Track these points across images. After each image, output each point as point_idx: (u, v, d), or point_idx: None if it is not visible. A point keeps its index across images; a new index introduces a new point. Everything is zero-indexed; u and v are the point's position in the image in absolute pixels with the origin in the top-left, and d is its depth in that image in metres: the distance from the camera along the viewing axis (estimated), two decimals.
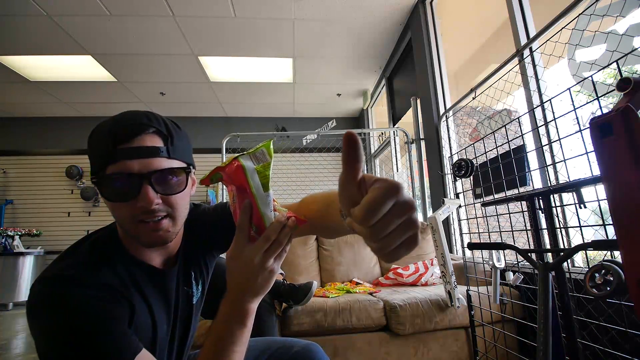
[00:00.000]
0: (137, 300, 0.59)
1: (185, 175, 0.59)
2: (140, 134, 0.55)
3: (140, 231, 0.56)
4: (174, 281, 0.67)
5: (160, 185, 0.55)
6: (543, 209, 1.11)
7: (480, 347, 1.56)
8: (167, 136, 0.58)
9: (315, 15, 3.08)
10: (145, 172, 0.54)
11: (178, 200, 0.58)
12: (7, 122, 5.10)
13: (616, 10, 1.28)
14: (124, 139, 0.54)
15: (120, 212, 0.56)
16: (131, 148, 0.54)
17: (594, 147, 0.67)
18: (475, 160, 1.56)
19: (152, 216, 0.55)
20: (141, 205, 0.54)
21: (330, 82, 4.45)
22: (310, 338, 1.56)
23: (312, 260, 2.33)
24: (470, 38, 3.36)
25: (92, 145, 0.56)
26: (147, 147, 0.55)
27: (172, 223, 0.58)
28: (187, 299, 0.70)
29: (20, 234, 4.35)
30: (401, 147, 3.80)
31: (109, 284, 0.55)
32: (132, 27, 3.15)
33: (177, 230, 0.60)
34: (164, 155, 0.56)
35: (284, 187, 5.16)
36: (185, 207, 0.61)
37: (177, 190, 0.58)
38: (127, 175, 0.53)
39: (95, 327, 0.50)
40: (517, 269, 1.57)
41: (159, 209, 0.56)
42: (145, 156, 0.54)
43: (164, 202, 0.56)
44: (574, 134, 1.03)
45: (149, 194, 0.53)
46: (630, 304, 0.96)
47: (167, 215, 0.57)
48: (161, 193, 0.56)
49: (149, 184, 0.54)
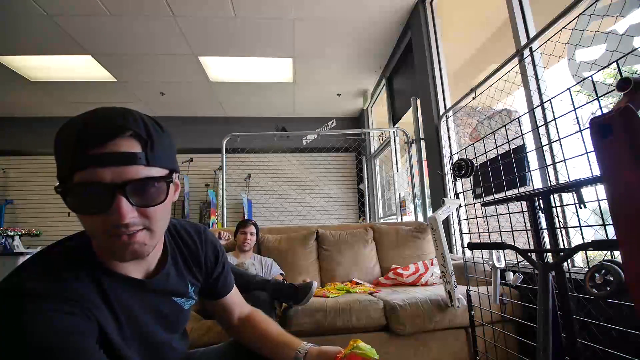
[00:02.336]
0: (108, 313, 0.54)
1: (166, 184, 0.52)
2: (114, 138, 0.47)
3: (113, 245, 0.50)
4: (158, 288, 0.64)
5: (136, 197, 0.49)
6: (543, 209, 1.11)
7: (480, 347, 1.56)
8: (146, 140, 0.50)
9: (315, 15, 3.08)
10: (119, 182, 0.47)
11: (157, 212, 0.52)
12: (7, 122, 5.10)
13: (616, 10, 1.28)
14: (95, 142, 0.46)
15: (90, 224, 0.49)
16: (103, 154, 0.46)
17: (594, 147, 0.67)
18: (475, 160, 1.56)
19: (126, 230, 0.49)
20: (114, 219, 0.47)
21: (330, 82, 4.45)
22: (311, 338, 1.56)
23: (312, 260, 2.33)
24: (470, 38, 3.36)
25: (58, 147, 0.49)
26: (122, 152, 0.47)
27: (150, 236, 0.52)
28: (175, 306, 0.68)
29: (20, 234, 4.34)
30: (401, 147, 3.80)
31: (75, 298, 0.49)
32: (132, 27, 3.15)
33: (155, 243, 0.55)
34: (142, 162, 0.49)
35: (284, 187, 5.16)
36: (165, 218, 0.55)
37: (157, 201, 0.51)
38: (97, 184, 0.46)
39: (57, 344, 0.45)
40: (517, 269, 1.57)
41: (134, 222, 0.49)
42: (119, 164, 0.47)
43: (141, 214, 0.50)
44: (574, 134, 1.03)
45: (122, 207, 0.47)
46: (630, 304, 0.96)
47: (144, 228, 0.51)
48: (137, 205, 0.49)
49: (123, 195, 0.47)
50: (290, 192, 5.20)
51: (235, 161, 5.04)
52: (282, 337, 0.77)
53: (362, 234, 2.45)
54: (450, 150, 2.52)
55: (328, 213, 5.22)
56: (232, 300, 0.82)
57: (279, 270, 2.16)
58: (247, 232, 2.15)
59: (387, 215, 4.28)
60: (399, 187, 3.61)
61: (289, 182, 5.21)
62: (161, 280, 0.64)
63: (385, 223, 2.66)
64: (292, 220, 5.02)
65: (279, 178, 5.18)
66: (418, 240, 2.43)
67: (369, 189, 4.89)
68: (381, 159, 4.63)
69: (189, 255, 0.72)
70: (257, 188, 5.20)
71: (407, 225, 2.57)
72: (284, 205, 5.11)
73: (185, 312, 0.72)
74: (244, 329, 0.82)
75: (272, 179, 5.14)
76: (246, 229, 2.16)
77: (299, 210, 5.13)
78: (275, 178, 5.16)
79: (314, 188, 5.30)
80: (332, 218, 5.20)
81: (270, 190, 5.13)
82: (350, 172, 5.48)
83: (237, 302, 0.84)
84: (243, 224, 2.20)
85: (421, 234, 2.46)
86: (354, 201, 5.43)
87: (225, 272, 0.80)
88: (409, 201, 3.33)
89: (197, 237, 0.74)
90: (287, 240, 2.37)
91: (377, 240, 2.48)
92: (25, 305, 0.45)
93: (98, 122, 0.49)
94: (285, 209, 5.09)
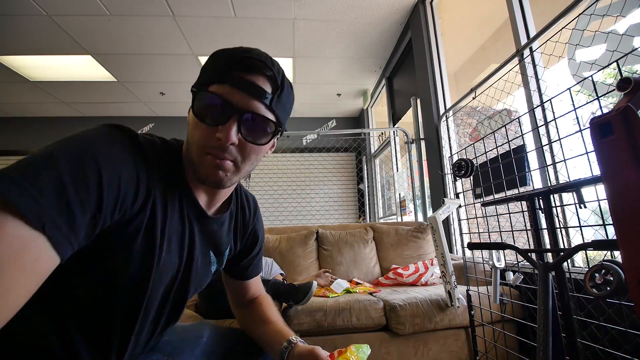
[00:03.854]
0: (159, 206, 0.52)
1: (273, 131, 0.56)
2: (257, 72, 0.53)
3: (203, 161, 0.53)
4: (208, 226, 0.63)
5: (245, 128, 0.53)
6: (543, 209, 1.11)
7: (480, 347, 1.56)
8: (278, 87, 0.56)
9: (315, 15, 3.08)
10: (240, 107, 0.52)
11: (253, 152, 0.56)
12: (7, 122, 5.10)
13: (616, 10, 1.28)
14: (240, 67, 0.52)
15: (197, 132, 0.53)
16: (242, 78, 0.52)
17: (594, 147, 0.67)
18: (475, 160, 1.55)
19: (220, 153, 0.52)
20: (218, 137, 0.51)
21: (330, 82, 4.45)
22: (311, 338, 1.56)
23: (312, 260, 2.33)
24: (470, 38, 3.36)
25: (210, 61, 0.56)
26: (257, 85, 0.53)
27: (235, 170, 0.55)
28: (207, 259, 0.66)
29: None
30: (401, 147, 3.80)
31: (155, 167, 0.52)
32: (132, 27, 3.15)
33: (235, 180, 0.57)
34: (267, 103, 0.54)
35: (284, 187, 5.16)
36: (253, 162, 0.58)
37: (259, 141, 0.55)
38: (224, 100, 0.51)
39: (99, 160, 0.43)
40: (517, 269, 1.57)
41: (231, 150, 0.53)
42: (249, 93, 0.52)
43: (240, 146, 0.54)
44: (574, 134, 1.03)
45: (232, 129, 0.51)
46: (630, 304, 0.96)
47: (234, 160, 0.54)
48: (242, 136, 0.53)
49: (238, 120, 0.52)
50: (290, 192, 5.20)
51: None
52: (276, 326, 0.77)
53: (362, 234, 2.45)
54: (450, 150, 2.52)
55: (328, 213, 5.22)
56: (254, 283, 0.84)
57: (279, 270, 2.16)
58: None
59: (387, 215, 4.28)
60: (399, 187, 3.61)
61: (289, 182, 5.21)
62: (216, 222, 0.64)
63: (385, 223, 2.66)
64: (292, 220, 5.02)
65: (279, 178, 5.18)
66: (418, 240, 2.43)
67: (369, 189, 4.88)
68: (381, 159, 4.63)
69: (242, 219, 0.73)
70: (257, 188, 5.20)
71: (407, 225, 2.57)
72: (284, 205, 5.11)
73: (208, 274, 0.68)
74: (248, 310, 0.82)
75: (272, 179, 5.14)
76: None
77: (299, 210, 5.13)
78: (275, 178, 5.16)
79: (314, 188, 5.30)
80: (332, 218, 5.20)
81: (270, 190, 5.13)
82: (350, 172, 5.49)
83: (254, 286, 0.85)
84: None
85: (421, 234, 2.46)
86: (354, 201, 5.43)
87: (259, 257, 0.81)
88: (409, 201, 3.33)
89: (254, 208, 0.76)
90: (287, 240, 2.37)
91: (377, 240, 2.48)
92: (114, 130, 0.49)
93: (252, 54, 0.54)
94: (285, 209, 5.09)
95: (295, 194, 5.19)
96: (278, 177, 5.18)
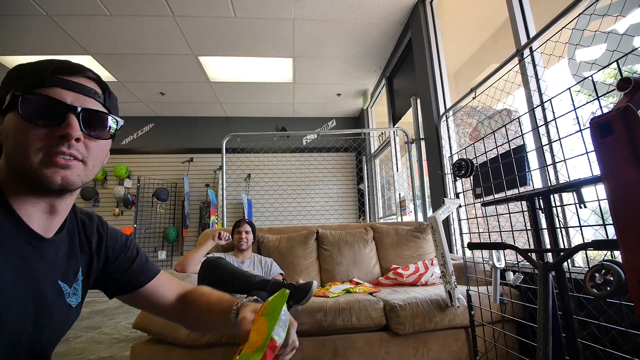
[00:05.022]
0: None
1: (114, 128, 0.58)
2: (82, 75, 0.54)
3: (46, 165, 0.49)
4: (52, 251, 0.56)
5: (86, 125, 0.53)
6: (543, 208, 1.11)
7: (480, 347, 1.56)
8: (105, 88, 0.58)
9: (315, 15, 3.08)
10: (77, 106, 0.52)
11: (97, 148, 0.56)
12: None
13: (616, 10, 1.28)
14: (64, 72, 0.53)
15: (29, 138, 0.49)
16: (71, 81, 0.53)
17: (594, 147, 0.67)
18: (475, 160, 1.55)
19: (67, 150, 0.51)
20: (61, 134, 0.50)
21: (330, 82, 4.45)
22: (311, 338, 1.56)
23: (312, 260, 2.33)
24: (470, 38, 3.36)
25: (22, 70, 0.53)
26: (86, 86, 0.54)
27: (84, 169, 0.54)
28: (59, 292, 0.57)
29: None
30: (401, 147, 3.80)
31: None
32: (132, 27, 3.15)
33: (85, 180, 0.55)
34: (100, 100, 0.56)
35: (284, 187, 5.17)
36: (100, 161, 0.58)
37: (101, 136, 0.56)
38: (57, 101, 0.51)
39: None
40: (517, 269, 1.57)
41: (78, 147, 0.52)
42: (82, 93, 0.53)
43: (84, 142, 0.53)
44: (574, 133, 1.03)
45: (74, 124, 0.51)
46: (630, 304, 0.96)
47: (82, 159, 0.53)
48: (84, 132, 0.53)
49: (77, 117, 0.52)
50: (290, 192, 5.20)
51: (235, 161, 5.05)
52: (223, 301, 0.72)
53: (362, 233, 2.45)
54: (450, 150, 2.52)
55: (328, 213, 5.22)
56: (159, 283, 0.75)
57: (279, 270, 2.16)
58: (242, 231, 2.17)
59: (387, 215, 4.29)
60: (399, 187, 3.61)
61: (289, 182, 5.21)
62: (54, 245, 0.56)
63: (385, 223, 2.65)
64: (292, 220, 5.03)
65: (278, 178, 5.18)
66: (418, 240, 2.43)
67: (369, 188, 4.88)
68: (381, 159, 4.63)
69: (85, 233, 0.65)
70: (257, 188, 5.21)
71: (407, 225, 2.57)
72: (284, 205, 5.12)
73: (69, 309, 0.58)
74: (185, 304, 0.76)
75: (272, 179, 5.14)
76: (241, 228, 2.19)
77: (299, 210, 5.13)
78: (275, 178, 5.16)
79: (314, 188, 5.30)
80: (332, 218, 5.20)
81: (270, 190, 5.13)
82: (350, 172, 5.49)
83: (167, 283, 0.77)
84: (237, 224, 2.23)
85: (421, 234, 2.45)
86: (354, 201, 5.43)
87: (144, 259, 0.75)
88: (409, 201, 3.33)
89: (97, 218, 0.70)
90: (287, 240, 2.37)
91: (377, 240, 2.48)
92: None
93: (70, 62, 0.55)
94: (285, 209, 5.10)
95: (295, 194, 5.20)
96: (278, 177, 5.18)
